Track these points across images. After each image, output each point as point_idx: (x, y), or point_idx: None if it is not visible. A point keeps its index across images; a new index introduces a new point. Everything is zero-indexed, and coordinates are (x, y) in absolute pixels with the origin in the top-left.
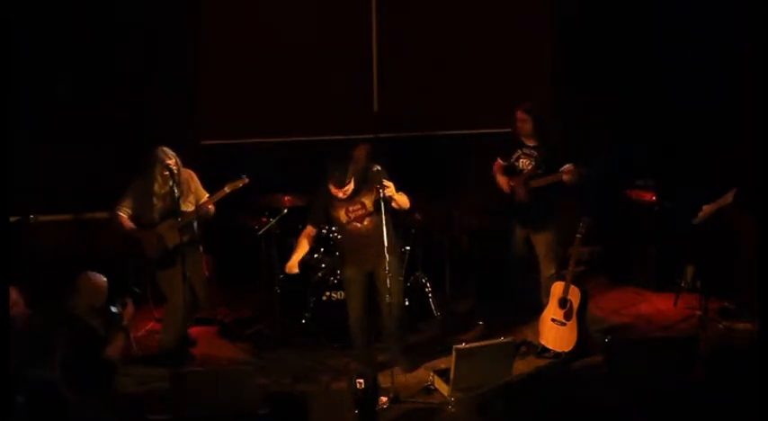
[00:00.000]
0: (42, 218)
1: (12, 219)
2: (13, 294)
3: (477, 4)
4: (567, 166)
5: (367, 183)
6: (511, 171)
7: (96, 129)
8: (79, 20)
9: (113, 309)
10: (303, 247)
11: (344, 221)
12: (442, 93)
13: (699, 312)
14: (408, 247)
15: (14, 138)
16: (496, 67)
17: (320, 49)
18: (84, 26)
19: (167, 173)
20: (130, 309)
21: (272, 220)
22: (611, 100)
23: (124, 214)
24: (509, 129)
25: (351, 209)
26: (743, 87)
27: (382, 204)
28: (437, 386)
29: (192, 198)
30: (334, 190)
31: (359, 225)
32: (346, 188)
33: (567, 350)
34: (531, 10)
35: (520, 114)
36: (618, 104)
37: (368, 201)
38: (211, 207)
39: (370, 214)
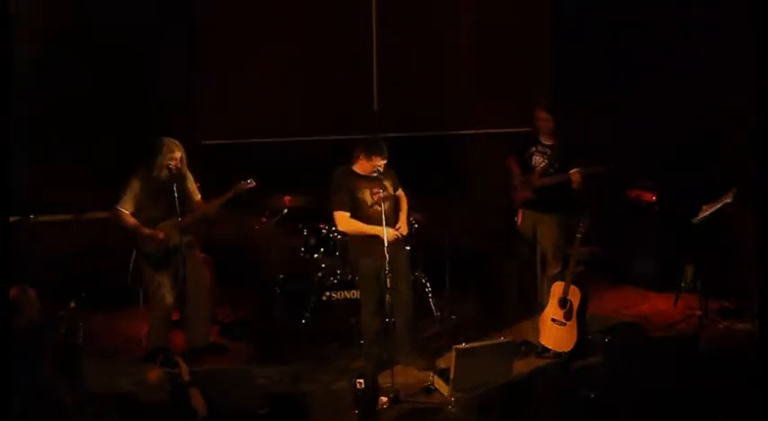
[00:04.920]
0: (42, 218)
1: (12, 219)
2: (32, 294)
3: (477, 4)
4: (575, 169)
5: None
6: (524, 167)
7: (96, 129)
8: (79, 19)
9: None
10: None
11: (369, 203)
12: (442, 92)
13: (699, 312)
14: (408, 247)
15: (15, 138)
16: (496, 67)
17: (320, 49)
18: (84, 26)
19: (171, 166)
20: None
21: (273, 220)
22: (610, 100)
23: (126, 210)
24: (508, 129)
25: (374, 190)
26: (742, 87)
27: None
28: (437, 386)
29: (189, 199)
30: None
31: (379, 208)
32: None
33: (566, 350)
34: (531, 10)
35: (543, 114)
36: (618, 105)
37: (389, 185)
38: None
39: (389, 197)
